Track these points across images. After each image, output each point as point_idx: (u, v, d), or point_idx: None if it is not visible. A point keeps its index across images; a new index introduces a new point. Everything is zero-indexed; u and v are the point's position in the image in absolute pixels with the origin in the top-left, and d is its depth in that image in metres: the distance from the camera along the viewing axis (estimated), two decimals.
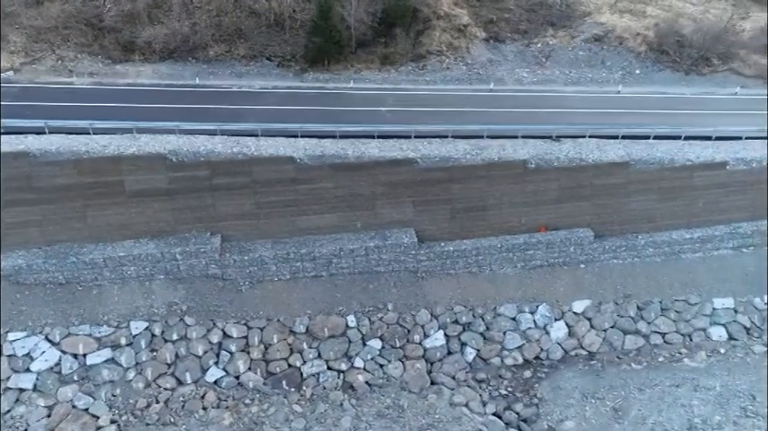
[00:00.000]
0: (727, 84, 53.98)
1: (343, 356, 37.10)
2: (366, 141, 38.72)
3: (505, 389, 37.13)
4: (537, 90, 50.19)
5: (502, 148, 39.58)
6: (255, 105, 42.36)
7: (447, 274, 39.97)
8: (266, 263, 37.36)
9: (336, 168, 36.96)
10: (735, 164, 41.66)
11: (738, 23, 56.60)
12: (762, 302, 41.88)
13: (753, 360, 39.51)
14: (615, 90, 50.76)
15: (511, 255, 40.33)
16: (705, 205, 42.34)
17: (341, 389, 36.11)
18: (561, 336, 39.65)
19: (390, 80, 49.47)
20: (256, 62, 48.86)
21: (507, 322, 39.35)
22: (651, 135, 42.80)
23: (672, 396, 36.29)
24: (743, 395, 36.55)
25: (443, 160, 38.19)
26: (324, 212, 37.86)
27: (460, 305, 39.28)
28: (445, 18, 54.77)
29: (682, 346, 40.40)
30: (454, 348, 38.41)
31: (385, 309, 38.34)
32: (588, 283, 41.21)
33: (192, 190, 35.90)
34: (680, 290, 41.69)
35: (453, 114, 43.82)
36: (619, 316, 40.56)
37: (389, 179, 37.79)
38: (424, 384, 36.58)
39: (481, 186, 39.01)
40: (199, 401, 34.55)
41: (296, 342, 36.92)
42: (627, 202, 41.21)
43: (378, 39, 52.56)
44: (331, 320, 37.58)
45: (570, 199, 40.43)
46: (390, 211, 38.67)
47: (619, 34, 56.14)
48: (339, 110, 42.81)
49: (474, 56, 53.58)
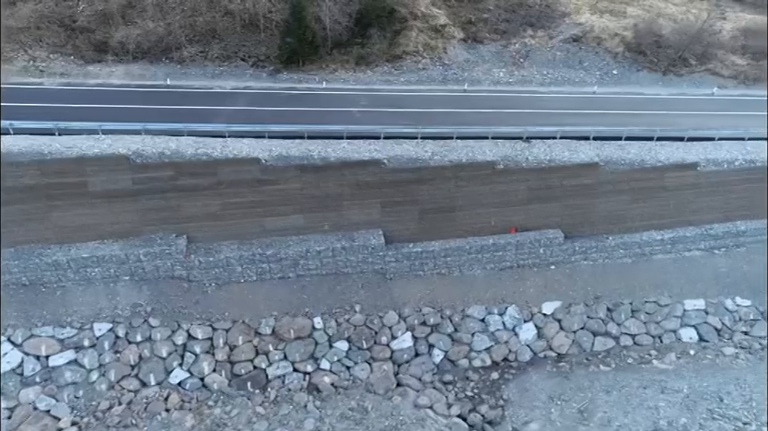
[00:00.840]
0: (704, 84, 53.84)
1: (310, 358, 37.00)
2: (335, 142, 38.59)
3: (471, 390, 36.99)
4: (512, 91, 50.03)
5: (471, 150, 39.47)
6: (225, 106, 42.21)
7: (415, 276, 39.85)
8: (232, 265, 37.23)
9: (302, 169, 36.85)
10: (706, 165, 41.55)
11: (715, 23, 56.36)
12: (733, 303, 41.79)
13: (723, 362, 39.39)
14: (591, 91, 50.61)
15: (480, 256, 40.20)
16: (677, 206, 42.21)
17: (306, 390, 36.05)
18: (530, 338, 39.53)
19: (365, 81, 49.31)
20: (230, 62, 48.70)
21: (476, 324, 39.24)
22: (623, 136, 42.67)
23: (639, 398, 36.14)
24: (711, 397, 36.42)
25: (411, 161, 38.09)
26: (291, 213, 37.75)
27: (429, 306, 39.17)
28: (422, 19, 54.59)
29: (652, 348, 40.30)
30: (422, 350, 38.28)
31: (352, 311, 38.23)
32: (558, 284, 41.09)
33: (156, 191, 35.78)
34: (651, 291, 41.59)
35: (425, 115, 43.65)
36: (589, 317, 40.45)
37: (356, 180, 37.67)
38: (389, 386, 36.46)
39: (449, 187, 38.89)
40: (162, 402, 34.45)
41: (262, 343, 36.80)
42: (597, 203, 41.09)
43: (355, 39, 52.36)
44: (298, 321, 37.46)
45: (540, 200, 40.30)
46: (358, 212, 38.54)
47: (597, 34, 55.97)
48: (310, 111, 42.67)
49: (451, 57, 53.41)
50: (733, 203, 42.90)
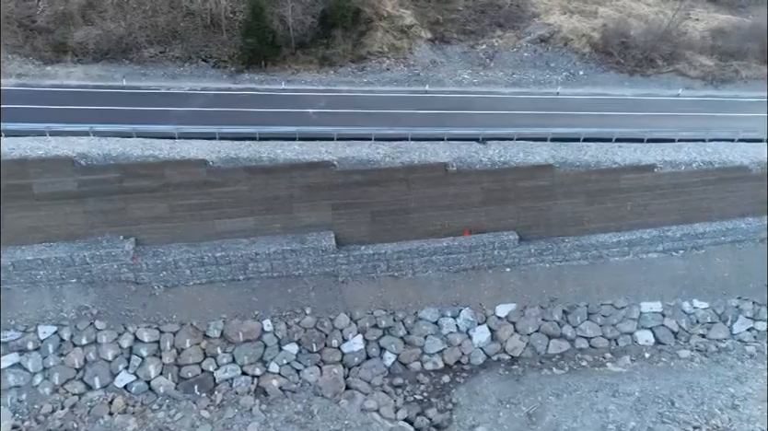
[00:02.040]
0: (671, 85, 53.51)
1: (258, 361, 36.76)
2: (286, 143, 38.34)
3: (420, 394, 36.77)
4: (475, 92, 49.69)
5: (424, 151, 39.19)
6: (180, 107, 41.94)
7: (368, 278, 39.60)
8: (180, 267, 36.99)
9: (250, 171, 36.59)
10: (663, 167, 41.25)
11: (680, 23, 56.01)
12: (691, 306, 41.54)
13: (677, 365, 39.15)
14: (554, 92, 50.31)
15: (434, 259, 39.93)
16: (634, 208, 41.93)
17: (253, 394, 35.79)
18: (483, 341, 39.29)
19: (327, 81, 49.02)
20: (191, 63, 48.42)
21: (429, 326, 39.00)
22: (581, 137, 42.39)
23: (589, 401, 35.92)
24: (662, 401, 36.20)
25: (361, 163, 37.82)
26: (240, 215, 37.49)
27: (381, 309, 38.94)
28: (388, 19, 54.30)
29: (607, 351, 40.07)
30: (373, 353, 38.04)
31: (303, 314, 38.00)
32: (514, 286, 40.84)
33: (102, 193, 35.54)
34: (608, 294, 41.34)
35: (383, 116, 43.33)
36: (544, 320, 40.21)
37: (305, 182, 37.41)
38: (338, 389, 36.22)
39: (401, 189, 38.63)
40: (106, 406, 34.25)
41: (210, 346, 36.55)
42: (553, 204, 40.81)
43: (320, 40, 52.08)
44: (247, 324, 37.22)
45: (494, 202, 40.03)
46: (309, 214, 38.29)
47: (564, 35, 55.63)
48: (266, 112, 42.35)
49: (417, 57, 53.10)
50: (691, 205, 42.60)
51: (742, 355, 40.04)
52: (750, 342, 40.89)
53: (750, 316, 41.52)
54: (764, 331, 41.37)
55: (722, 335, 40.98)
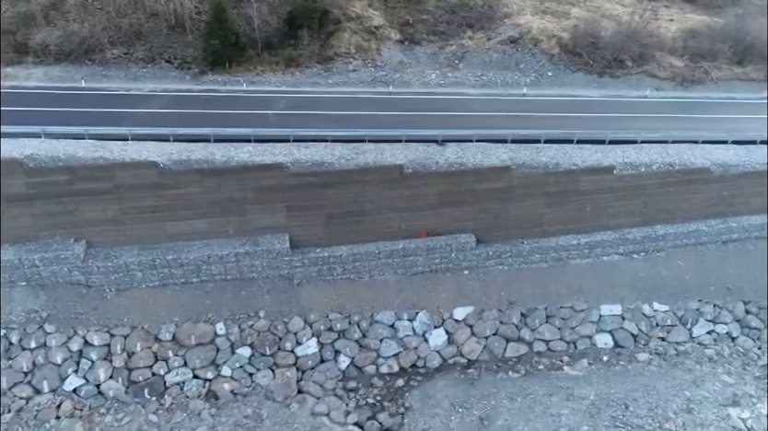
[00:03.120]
0: (640, 86, 53.33)
1: (211, 364, 36.46)
2: (241, 145, 38.09)
3: (373, 398, 36.47)
4: (441, 93, 49.50)
5: (380, 153, 38.95)
6: (137, 108, 41.77)
7: (323, 281, 39.33)
8: (132, 270, 36.71)
9: (202, 173, 36.35)
10: (623, 168, 41.01)
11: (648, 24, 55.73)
12: (651, 309, 41.28)
13: (635, 368, 38.87)
14: (521, 93, 50.08)
15: (390, 261, 39.67)
16: (594, 210, 41.66)
17: (204, 398, 35.51)
18: (440, 344, 39.01)
19: (292, 83, 48.82)
20: (154, 64, 48.21)
21: (385, 330, 38.72)
22: (542, 139, 42.14)
23: (543, 405, 35.63)
24: (616, 404, 35.90)
25: (315, 165, 37.58)
26: (193, 217, 37.23)
27: (336, 312, 38.65)
28: (356, 20, 54.10)
29: (565, 354, 39.75)
30: (327, 356, 37.76)
31: (256, 317, 37.71)
32: (471, 289, 40.55)
33: (51, 195, 35.27)
34: (567, 297, 41.05)
35: (343, 117, 43.09)
36: (502, 323, 39.92)
37: (258, 184, 37.16)
38: (289, 393, 35.95)
39: (356, 191, 38.38)
40: (54, 410, 33.97)
41: (162, 350, 36.27)
42: (511, 207, 40.56)
43: (288, 41, 51.91)
44: (199, 327, 36.94)
45: (451, 204, 39.78)
46: (263, 216, 38.03)
47: (534, 36, 55.39)
48: (224, 114, 42.16)
49: (385, 58, 52.88)
50: (652, 207, 42.37)
51: (701, 358, 39.77)
52: (710, 345, 40.62)
53: (710, 319, 41.25)
54: (724, 335, 41.13)
55: (682, 338, 40.70)
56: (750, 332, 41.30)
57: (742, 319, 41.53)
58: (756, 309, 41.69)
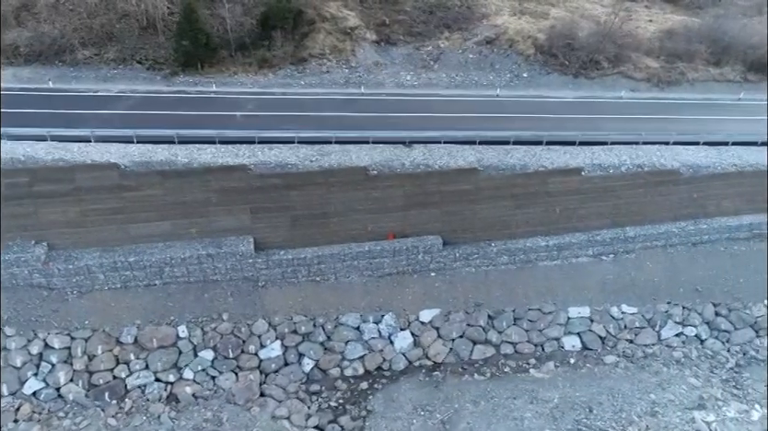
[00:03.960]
0: (616, 87, 53.13)
1: (172, 367, 36.22)
2: (204, 147, 37.89)
3: (336, 401, 36.26)
4: (414, 94, 49.31)
5: (346, 154, 38.74)
6: (104, 110, 41.55)
7: (288, 283, 39.08)
8: (94, 272, 36.46)
9: (164, 174, 36.12)
10: (591, 170, 40.80)
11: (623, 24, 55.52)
12: (619, 311, 41.06)
13: (601, 371, 38.70)
14: (494, 94, 49.87)
15: (356, 263, 39.44)
16: (562, 212, 41.45)
17: (165, 401, 35.28)
18: (405, 346, 38.80)
19: (264, 84, 48.61)
20: (125, 65, 47.98)
21: (350, 332, 38.49)
22: (511, 140, 41.95)
23: (506, 408, 35.44)
24: (580, 407, 35.73)
25: (279, 166, 37.37)
26: (155, 219, 36.98)
27: (301, 314, 38.41)
28: (331, 21, 53.88)
29: (532, 356, 39.58)
30: (291, 359, 37.54)
31: (220, 319, 37.45)
32: (439, 291, 40.33)
33: (11, 197, 34.97)
34: (535, 299, 40.84)
35: (312, 119, 42.92)
36: (469, 325, 39.71)
37: (221, 185, 36.93)
38: (251, 396, 35.72)
39: (321, 193, 38.15)
40: (12, 413, 33.71)
41: (123, 352, 36.02)
42: (478, 208, 40.33)
43: (261, 42, 51.68)
44: (162, 330, 36.68)
45: (417, 206, 39.55)
46: (227, 218, 37.79)
47: (510, 37, 55.20)
48: (191, 115, 41.88)
49: (360, 59, 52.67)
50: (622, 209, 42.15)
51: (669, 360, 39.60)
52: (678, 347, 40.44)
53: (679, 321, 41.04)
54: (693, 337, 40.93)
55: (650, 341, 40.52)
56: (719, 335, 41.11)
57: (711, 321, 41.33)
58: (726, 311, 41.49)
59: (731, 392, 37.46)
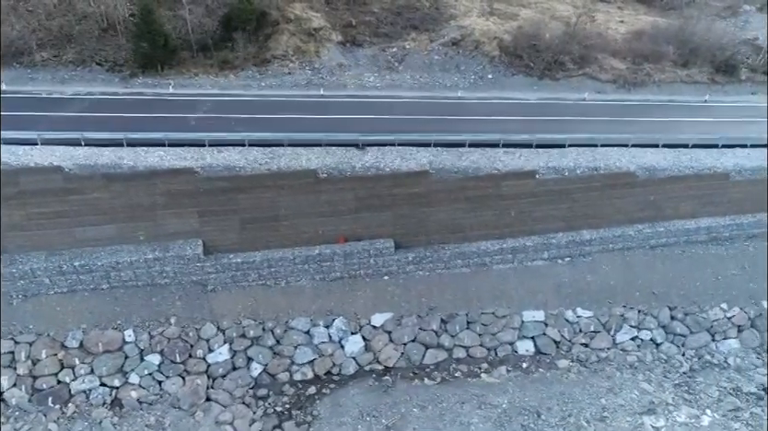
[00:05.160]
0: (582, 89, 52.83)
1: (118, 372, 35.92)
2: (152, 149, 37.60)
3: (282, 406, 35.93)
4: (375, 96, 48.99)
5: (296, 157, 38.47)
6: (56, 112, 41.23)
7: (238, 287, 38.81)
8: (39, 276, 36.17)
9: (109, 178, 35.84)
10: (545, 173, 40.50)
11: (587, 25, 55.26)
12: (574, 315, 40.76)
13: (553, 375, 38.40)
14: (456, 96, 49.58)
15: (307, 267, 39.15)
16: (517, 215, 41.16)
17: (109, 405, 34.99)
18: (356, 350, 38.49)
19: (224, 85, 48.30)
20: (84, 67, 47.69)
21: (299, 336, 38.20)
22: (467, 143, 41.66)
23: (453, 413, 35.17)
24: (528, 412, 35.49)
25: (227, 169, 37.08)
26: (102, 223, 36.70)
27: (250, 318, 38.11)
28: (295, 22, 53.58)
29: (485, 361, 39.27)
30: (239, 363, 37.23)
31: (167, 323, 37.16)
32: (391, 295, 40.04)
33: None
34: (489, 302, 40.54)
35: (266, 121, 42.51)
36: (421, 329, 39.39)
37: (168, 188, 36.63)
38: (196, 401, 35.44)
39: (270, 196, 37.86)
40: None
41: (68, 357, 35.71)
42: (431, 212, 40.03)
43: (225, 43, 51.42)
44: (107, 334, 36.40)
45: (369, 209, 39.25)
46: (174, 221, 37.49)
47: (476, 38, 54.90)
48: (143, 117, 41.55)
49: (324, 61, 52.36)
50: (577, 212, 41.86)
51: (622, 365, 39.31)
52: (633, 351, 40.14)
53: (634, 325, 40.75)
54: (648, 341, 40.63)
55: (604, 345, 40.21)
56: (674, 339, 40.82)
57: (667, 324, 41.03)
58: (682, 315, 41.20)
59: (683, 397, 37.20)
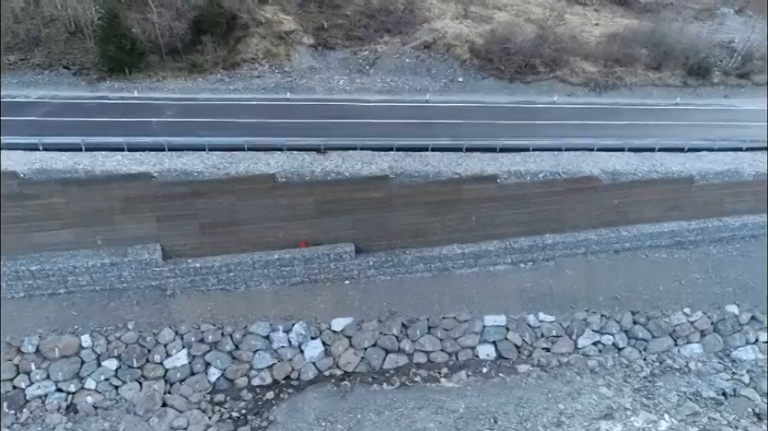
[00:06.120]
0: (552, 92, 52.79)
1: (74, 377, 35.84)
2: (110, 154, 37.50)
3: (239, 411, 35.88)
4: (343, 100, 48.95)
5: (255, 161, 38.38)
6: (18, 116, 41.12)
7: (197, 292, 38.72)
8: None
9: (64, 183, 35.74)
10: (507, 177, 40.41)
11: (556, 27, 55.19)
12: (536, 319, 40.69)
13: (513, 380, 38.36)
14: (424, 99, 49.52)
15: (267, 271, 39.09)
16: (479, 220, 41.08)
17: (64, 411, 34.92)
18: (315, 355, 38.43)
19: (191, 89, 48.25)
20: (52, 70, 47.64)
21: (259, 341, 38.11)
22: (430, 147, 41.59)
23: (410, 419, 35.07)
24: (485, 418, 35.39)
25: (185, 174, 36.98)
26: (59, 228, 36.60)
27: (209, 323, 38.01)
28: (266, 25, 53.53)
29: (445, 366, 39.22)
30: (198, 368, 37.16)
31: (125, 328, 37.08)
32: (352, 300, 39.95)
33: None
34: (451, 307, 40.45)
35: (231, 125, 42.51)
36: (381, 334, 39.32)
37: (125, 194, 36.55)
38: (152, 406, 35.35)
39: (229, 200, 37.78)
40: None
41: (24, 362, 35.61)
42: (392, 216, 39.96)
43: (195, 47, 51.35)
44: (64, 339, 36.29)
45: (329, 213, 39.17)
46: (133, 226, 37.41)
47: (448, 41, 54.84)
48: (106, 122, 41.50)
49: (294, 64, 52.33)
50: (540, 216, 41.78)
51: (583, 369, 39.27)
52: (594, 356, 40.10)
53: (596, 329, 40.71)
54: (610, 345, 40.57)
55: (566, 349, 40.17)
56: (636, 343, 40.79)
57: (629, 329, 40.98)
58: (644, 320, 41.12)
59: (641, 402, 37.11)
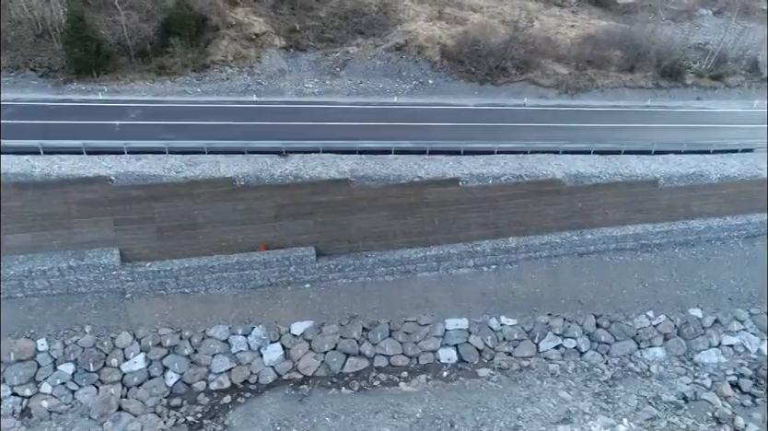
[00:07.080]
0: (523, 94, 52.65)
1: (30, 381, 35.72)
2: (67, 157, 37.38)
3: (194, 415, 35.71)
4: (311, 102, 48.84)
5: (214, 165, 38.26)
6: None
7: (156, 295, 38.59)
8: None
9: (21, 186, 35.61)
10: (469, 180, 40.28)
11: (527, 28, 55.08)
12: (498, 323, 40.55)
13: (473, 384, 38.18)
14: (392, 102, 49.39)
15: (227, 275, 38.96)
16: (441, 223, 40.94)
17: (18, 415, 34.79)
18: (275, 359, 38.29)
19: (159, 91, 48.08)
20: (18, 73, 47.49)
21: (217, 345, 37.98)
22: (392, 149, 41.47)
23: (366, 423, 34.93)
24: (442, 422, 35.23)
25: (142, 177, 36.85)
26: (15, 231, 36.47)
27: (167, 327, 37.89)
28: (236, 27, 53.39)
29: (406, 370, 39.06)
30: (155, 372, 37.02)
31: (82, 332, 36.94)
32: (313, 303, 39.83)
33: None
34: (412, 311, 40.32)
35: (194, 128, 42.37)
36: (342, 338, 39.18)
37: (82, 197, 36.43)
38: (107, 410, 35.22)
39: (186, 204, 37.65)
40: None
41: None
42: (353, 219, 39.83)
43: (165, 49, 51.19)
44: (20, 343, 36.16)
45: (289, 217, 39.05)
46: (90, 230, 37.27)
47: (419, 43, 54.70)
48: (67, 125, 41.34)
49: (264, 66, 52.20)
50: (503, 219, 41.65)
51: (544, 373, 39.11)
52: (556, 359, 39.95)
53: (559, 333, 40.56)
54: (572, 349, 40.44)
55: (528, 353, 40.04)
56: (598, 347, 40.65)
57: (592, 332, 40.86)
58: (607, 323, 41.01)
59: (600, 406, 36.95)
